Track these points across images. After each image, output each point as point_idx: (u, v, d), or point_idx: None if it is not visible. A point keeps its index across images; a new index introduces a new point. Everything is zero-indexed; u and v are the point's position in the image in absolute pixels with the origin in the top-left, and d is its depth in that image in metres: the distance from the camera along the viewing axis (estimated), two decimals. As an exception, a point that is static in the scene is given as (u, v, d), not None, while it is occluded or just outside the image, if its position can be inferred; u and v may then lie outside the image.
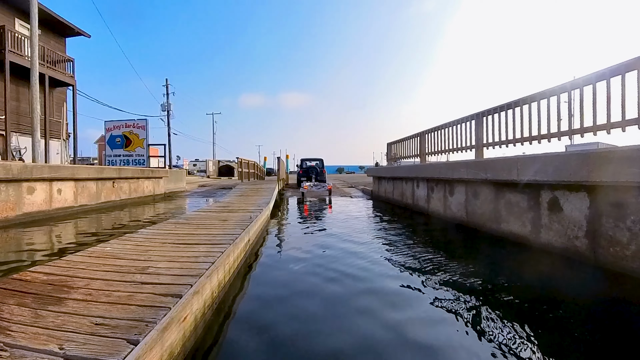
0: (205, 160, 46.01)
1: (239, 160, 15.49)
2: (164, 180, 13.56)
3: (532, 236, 3.87)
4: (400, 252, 4.13)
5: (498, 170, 4.39)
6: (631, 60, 3.17)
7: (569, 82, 3.98)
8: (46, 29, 14.44)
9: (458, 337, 2.10)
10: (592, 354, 1.92)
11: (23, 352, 1.29)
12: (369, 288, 2.96)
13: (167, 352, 1.51)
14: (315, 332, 2.14)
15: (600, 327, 2.24)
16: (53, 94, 15.04)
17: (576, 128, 3.88)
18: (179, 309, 1.70)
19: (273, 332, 2.11)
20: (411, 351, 1.94)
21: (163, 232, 3.84)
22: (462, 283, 2.98)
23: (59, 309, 1.68)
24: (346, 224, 6.27)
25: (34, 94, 8.92)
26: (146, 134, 17.40)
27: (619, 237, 2.85)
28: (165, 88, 28.69)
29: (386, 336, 2.10)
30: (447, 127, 7.03)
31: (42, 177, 7.04)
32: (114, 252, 2.87)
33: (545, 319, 2.32)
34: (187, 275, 2.22)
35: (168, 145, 25.93)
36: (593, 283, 2.90)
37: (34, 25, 9.18)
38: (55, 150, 14.61)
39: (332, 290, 2.86)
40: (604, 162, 2.89)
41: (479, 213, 5.06)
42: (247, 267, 3.52)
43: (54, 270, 2.32)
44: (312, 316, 2.38)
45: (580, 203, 3.24)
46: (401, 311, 2.48)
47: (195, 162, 48.93)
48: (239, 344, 1.99)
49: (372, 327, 2.22)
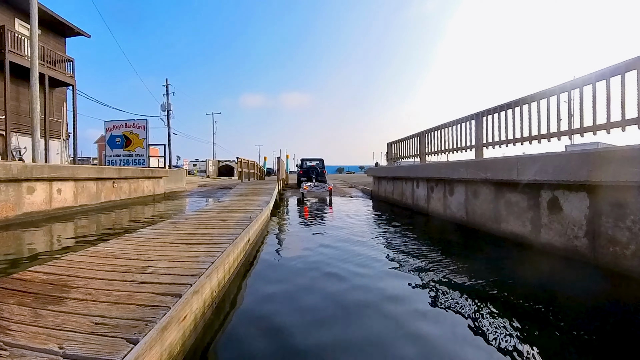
0: (205, 160, 46.02)
1: (239, 160, 15.49)
2: (163, 180, 13.56)
3: (532, 236, 3.87)
4: (400, 252, 4.13)
5: (498, 170, 4.39)
6: (631, 59, 3.17)
7: (569, 81, 3.98)
8: (46, 29, 14.44)
9: (457, 336, 2.10)
10: (592, 353, 1.92)
11: (23, 351, 1.29)
12: (368, 288, 2.97)
13: (167, 352, 1.51)
14: (316, 332, 2.14)
15: (599, 326, 2.24)
16: (53, 94, 15.05)
17: (576, 128, 3.88)
18: (179, 309, 1.70)
19: (273, 332, 2.11)
20: (411, 351, 1.94)
21: (163, 232, 3.84)
22: (461, 282, 2.98)
23: (59, 309, 1.68)
24: (346, 224, 6.27)
25: (33, 93, 8.93)
26: (146, 134, 17.40)
27: (618, 237, 2.85)
28: (165, 88, 28.72)
29: (387, 337, 2.10)
30: (447, 127, 7.03)
31: (42, 177, 7.04)
32: (114, 252, 2.87)
33: (544, 319, 2.32)
34: (187, 274, 2.22)
35: (168, 145, 25.95)
36: (593, 283, 2.90)
37: (34, 25, 9.18)
38: (55, 150, 14.62)
39: (332, 290, 2.86)
40: (603, 162, 2.89)
41: (478, 213, 5.06)
42: (247, 266, 3.52)
43: (54, 270, 2.32)
44: (312, 315, 2.38)
45: (580, 203, 3.24)
46: (401, 310, 2.48)
47: (195, 162, 48.92)
48: (239, 343, 1.99)
49: (371, 327, 2.22)
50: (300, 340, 2.03)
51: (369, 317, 2.37)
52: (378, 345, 1.98)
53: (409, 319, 2.35)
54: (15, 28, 13.07)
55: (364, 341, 2.04)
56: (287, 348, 1.94)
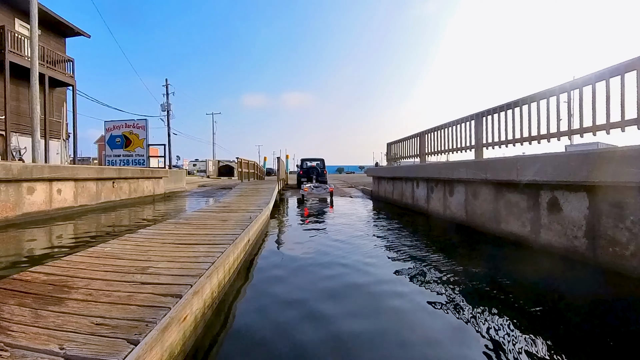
0: (205, 160, 46.03)
1: (239, 160, 15.48)
2: (163, 180, 13.56)
3: (531, 236, 3.88)
4: (400, 252, 4.13)
5: (498, 171, 4.40)
6: (630, 60, 3.17)
7: (569, 82, 3.98)
8: (46, 29, 14.43)
9: (456, 335, 2.10)
10: (591, 353, 1.93)
11: (23, 352, 1.30)
12: (368, 287, 2.97)
13: (167, 352, 1.51)
14: (315, 331, 2.15)
15: (599, 326, 2.24)
16: (53, 94, 15.04)
17: (576, 128, 3.89)
18: (179, 309, 1.70)
19: (273, 332, 2.11)
20: (411, 349, 1.94)
21: (163, 232, 3.84)
22: (460, 282, 2.98)
23: (60, 309, 1.69)
24: (346, 224, 6.28)
25: (33, 94, 8.92)
26: (146, 134, 17.40)
27: (618, 237, 2.86)
28: (165, 88, 28.71)
29: (386, 337, 2.10)
30: (446, 127, 7.03)
31: (42, 178, 7.04)
32: (114, 252, 2.87)
33: (544, 318, 2.33)
34: (187, 275, 2.23)
35: (168, 145, 25.94)
36: (592, 283, 2.91)
37: (34, 26, 9.18)
38: (55, 150, 14.62)
39: (332, 290, 2.87)
40: (603, 162, 2.89)
41: (478, 213, 5.07)
42: (247, 267, 3.52)
43: (54, 271, 2.32)
44: (312, 315, 2.38)
45: (579, 203, 3.25)
46: (402, 311, 2.49)
47: (195, 162, 48.91)
48: (239, 344, 2.00)
49: (372, 327, 2.22)
50: (300, 340, 2.03)
51: (369, 316, 2.37)
52: (375, 348, 1.98)
53: (409, 319, 2.35)
54: (15, 28, 13.07)
55: (367, 343, 2.04)
56: (287, 348, 1.94)
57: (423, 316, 2.41)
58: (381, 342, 2.02)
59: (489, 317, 2.31)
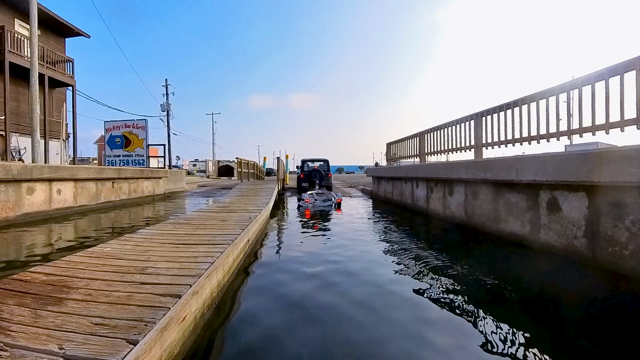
0: (205, 160, 46.05)
1: (239, 161, 15.48)
2: (163, 180, 13.56)
3: (531, 236, 3.88)
4: (399, 252, 4.13)
5: (497, 170, 4.40)
6: (630, 60, 3.17)
7: (568, 82, 3.98)
8: (46, 30, 14.44)
9: (456, 335, 2.10)
10: (591, 353, 1.93)
11: (23, 352, 1.30)
12: (368, 286, 2.97)
13: (166, 352, 1.52)
14: (315, 331, 2.15)
15: (598, 326, 2.24)
16: (53, 94, 15.04)
17: (575, 128, 3.89)
18: (179, 309, 1.70)
19: (272, 332, 2.11)
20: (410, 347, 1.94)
21: (162, 233, 3.84)
22: (460, 282, 2.99)
23: (59, 309, 1.69)
24: (345, 224, 6.28)
25: (33, 94, 8.92)
26: (146, 134, 17.40)
27: (617, 237, 2.86)
28: (165, 88, 28.71)
29: (384, 337, 2.10)
30: (446, 127, 7.04)
31: (41, 178, 7.04)
32: (113, 253, 2.87)
33: (543, 318, 2.33)
34: (187, 275, 2.23)
35: (168, 145, 25.95)
36: (591, 282, 2.91)
37: (34, 26, 9.18)
38: (55, 151, 14.61)
39: (332, 290, 2.86)
40: (602, 162, 2.89)
41: (478, 213, 5.07)
42: (246, 267, 3.52)
43: (53, 271, 2.32)
44: (312, 316, 2.38)
45: (579, 203, 3.25)
46: (402, 311, 2.48)
47: (194, 162, 48.96)
48: (239, 344, 1.99)
49: (371, 327, 2.22)
50: (300, 340, 2.03)
51: (369, 317, 2.37)
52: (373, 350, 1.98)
53: (409, 319, 2.35)
54: (15, 28, 13.06)
55: (365, 341, 2.04)
56: (287, 348, 1.94)
57: (423, 316, 2.41)
58: (383, 345, 2.02)
59: (487, 316, 2.31)
